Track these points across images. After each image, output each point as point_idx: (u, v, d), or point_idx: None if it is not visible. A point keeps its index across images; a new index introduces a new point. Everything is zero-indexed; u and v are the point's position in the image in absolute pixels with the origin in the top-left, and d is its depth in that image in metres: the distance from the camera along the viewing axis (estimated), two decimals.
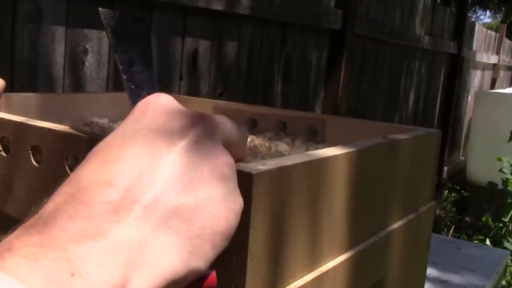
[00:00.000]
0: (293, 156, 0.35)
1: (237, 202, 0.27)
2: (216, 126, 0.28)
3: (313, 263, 0.38)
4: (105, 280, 0.21)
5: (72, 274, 0.21)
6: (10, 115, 0.42)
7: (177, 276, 0.24)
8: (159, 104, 0.28)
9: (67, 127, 0.39)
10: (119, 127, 0.28)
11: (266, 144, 0.60)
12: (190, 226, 0.25)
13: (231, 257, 0.30)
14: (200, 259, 0.25)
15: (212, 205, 0.26)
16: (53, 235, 0.22)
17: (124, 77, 0.35)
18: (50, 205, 0.24)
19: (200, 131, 0.27)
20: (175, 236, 0.24)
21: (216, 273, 0.29)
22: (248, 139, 0.62)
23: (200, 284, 0.27)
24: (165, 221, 0.24)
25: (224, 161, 0.27)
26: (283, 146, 0.58)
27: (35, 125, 0.39)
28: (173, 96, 0.30)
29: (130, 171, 0.25)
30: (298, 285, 0.36)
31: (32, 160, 0.39)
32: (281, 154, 0.57)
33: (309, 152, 0.38)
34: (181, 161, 0.26)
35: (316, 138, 0.65)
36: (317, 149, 0.41)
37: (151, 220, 0.24)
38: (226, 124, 0.29)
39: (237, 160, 0.32)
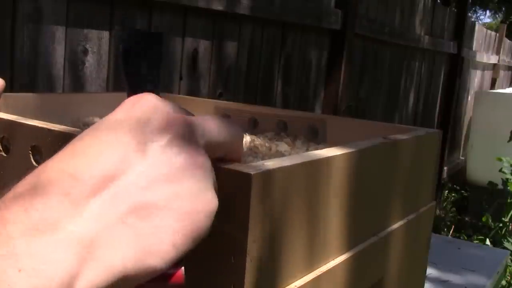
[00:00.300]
0: (292, 157, 0.35)
1: (209, 204, 0.27)
2: (195, 127, 0.28)
3: (313, 264, 0.38)
4: (51, 277, 0.21)
5: (20, 270, 0.21)
6: (10, 115, 0.42)
7: (128, 273, 0.24)
8: (142, 102, 0.29)
9: (67, 127, 0.39)
10: (98, 121, 0.28)
11: (267, 144, 0.60)
12: (148, 224, 0.25)
13: (230, 257, 0.30)
14: (156, 258, 0.25)
15: (177, 204, 0.26)
16: (6, 229, 0.22)
17: (127, 86, 0.35)
18: (10, 194, 0.24)
19: (176, 132, 0.27)
20: (131, 233, 0.24)
21: (215, 274, 0.29)
22: (249, 139, 0.63)
23: (165, 282, 0.27)
24: (122, 217, 0.24)
25: (197, 162, 0.27)
26: (283, 146, 0.58)
27: (35, 125, 0.39)
28: (173, 96, 0.30)
29: (95, 164, 0.25)
30: (298, 286, 0.36)
31: (32, 160, 0.39)
32: (281, 154, 0.57)
33: (308, 152, 0.37)
34: (149, 159, 0.26)
35: (317, 138, 0.65)
36: (317, 149, 0.41)
37: (108, 216, 0.24)
38: (210, 126, 0.29)
39: (234, 160, 0.32)
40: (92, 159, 0.25)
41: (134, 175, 0.25)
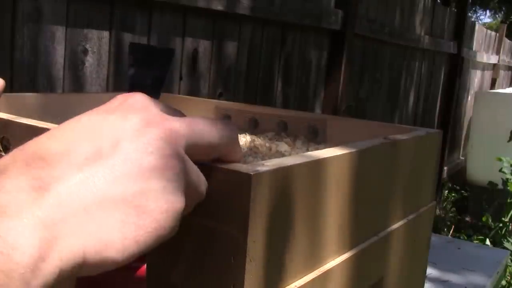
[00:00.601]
0: (293, 157, 0.35)
1: (174, 204, 0.27)
2: (176, 130, 0.28)
3: (313, 264, 0.38)
4: (17, 261, 0.22)
5: None
6: (10, 115, 0.42)
7: (88, 262, 0.24)
8: (130, 101, 0.29)
9: None
10: (84, 113, 0.29)
11: (267, 144, 0.60)
12: (110, 217, 0.25)
13: (229, 258, 0.30)
14: (116, 251, 0.25)
15: (141, 201, 0.26)
16: None
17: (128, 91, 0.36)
18: None
19: (153, 133, 0.27)
20: (93, 223, 0.24)
21: (215, 274, 0.29)
22: (249, 139, 0.63)
23: (131, 275, 0.27)
24: (86, 207, 0.24)
25: (168, 163, 0.27)
26: (283, 147, 0.58)
27: (35, 126, 0.39)
28: (173, 96, 0.30)
29: (66, 152, 0.25)
30: (298, 286, 0.36)
31: None
32: (281, 155, 0.57)
33: (308, 152, 0.37)
34: (121, 155, 0.26)
35: (317, 138, 0.65)
36: (318, 149, 0.41)
37: (73, 203, 0.24)
38: (198, 128, 0.29)
39: (233, 162, 0.32)
40: (65, 146, 0.26)
41: (103, 168, 0.25)
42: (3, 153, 0.41)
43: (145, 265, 0.27)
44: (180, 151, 0.28)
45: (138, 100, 0.29)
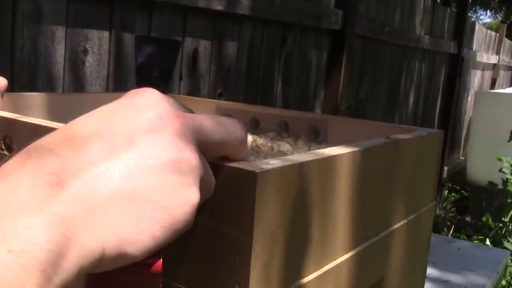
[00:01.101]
0: (297, 155, 0.35)
1: (190, 199, 0.27)
2: (189, 125, 0.28)
3: (316, 263, 0.38)
4: (38, 257, 0.22)
5: (9, 251, 0.21)
6: (12, 113, 0.42)
7: (106, 257, 0.24)
8: (143, 95, 0.29)
9: None
10: (98, 108, 0.29)
11: (269, 144, 0.60)
12: (127, 212, 0.25)
13: (234, 256, 0.30)
14: (133, 247, 0.25)
15: (157, 196, 0.26)
16: None
17: (136, 85, 0.36)
18: (2, 171, 0.24)
19: (168, 127, 0.27)
20: (111, 219, 0.24)
21: (220, 272, 0.29)
22: (251, 139, 0.63)
23: (145, 271, 0.27)
24: (102, 202, 0.24)
25: (183, 158, 0.27)
26: (285, 146, 0.58)
27: (38, 124, 0.39)
28: (173, 96, 0.30)
29: (81, 147, 0.25)
30: (302, 284, 0.36)
31: None
32: (283, 154, 0.57)
33: (313, 151, 0.37)
34: (136, 149, 0.26)
35: (318, 138, 0.65)
36: (319, 149, 0.41)
37: (90, 198, 0.24)
38: (209, 125, 0.29)
39: (239, 160, 0.32)
40: (79, 141, 0.26)
41: (119, 162, 0.25)
42: (5, 152, 0.41)
43: (160, 260, 0.27)
44: (194, 146, 0.28)
45: (150, 95, 0.29)
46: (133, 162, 0.26)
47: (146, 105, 0.28)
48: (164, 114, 0.28)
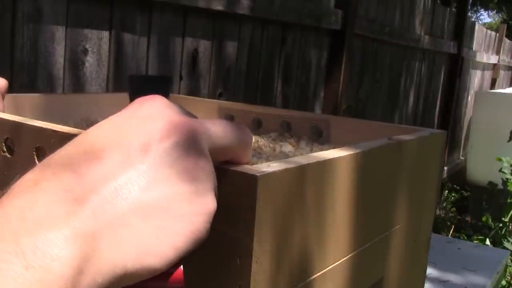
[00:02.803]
0: (299, 158, 0.35)
1: (208, 206, 0.27)
2: (200, 131, 0.28)
3: (317, 264, 0.38)
4: (57, 273, 0.21)
5: (26, 268, 0.21)
6: (14, 116, 0.42)
7: (128, 272, 0.24)
8: (151, 103, 0.29)
9: (72, 128, 0.39)
10: (105, 120, 0.29)
11: (271, 145, 0.59)
12: (148, 224, 0.25)
13: (235, 259, 0.30)
14: (155, 259, 0.25)
15: (176, 205, 0.26)
16: (11, 226, 0.22)
17: None
18: (15, 189, 0.24)
19: (180, 135, 0.27)
20: (131, 232, 0.24)
21: (221, 276, 0.29)
22: (252, 140, 0.62)
23: (165, 281, 0.27)
24: (122, 216, 0.24)
25: (198, 165, 0.27)
26: (287, 147, 0.58)
27: (39, 126, 0.39)
28: (173, 96, 0.30)
29: (96, 161, 0.25)
30: (302, 286, 0.35)
31: (37, 162, 0.39)
32: (285, 155, 0.56)
33: (314, 153, 0.37)
34: (151, 159, 0.26)
35: (321, 138, 0.65)
36: (322, 149, 0.41)
37: (109, 213, 0.24)
38: (217, 130, 0.29)
39: (243, 164, 0.32)
40: (93, 155, 0.25)
41: (136, 174, 0.25)
42: (7, 154, 0.41)
43: (181, 267, 0.27)
44: (206, 152, 0.28)
45: (158, 103, 0.29)
46: (149, 173, 0.25)
47: (156, 113, 0.28)
48: (175, 121, 0.27)
